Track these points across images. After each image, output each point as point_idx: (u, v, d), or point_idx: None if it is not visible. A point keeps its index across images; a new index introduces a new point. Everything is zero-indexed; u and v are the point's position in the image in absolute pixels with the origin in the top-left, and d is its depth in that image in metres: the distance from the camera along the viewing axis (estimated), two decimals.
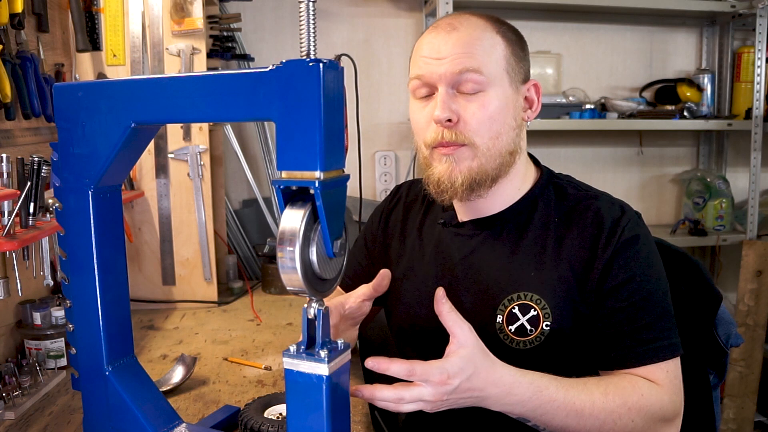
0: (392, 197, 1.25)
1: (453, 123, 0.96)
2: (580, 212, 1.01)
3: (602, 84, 2.49)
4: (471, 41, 0.96)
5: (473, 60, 0.95)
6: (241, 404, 1.06)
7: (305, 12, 0.64)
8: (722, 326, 1.15)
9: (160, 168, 1.68)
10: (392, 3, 2.29)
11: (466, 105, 0.97)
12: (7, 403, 1.04)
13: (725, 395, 2.35)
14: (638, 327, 0.93)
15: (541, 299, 0.97)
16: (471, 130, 0.96)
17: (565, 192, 1.05)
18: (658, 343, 0.93)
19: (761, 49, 2.33)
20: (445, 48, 0.96)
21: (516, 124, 1.00)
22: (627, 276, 0.95)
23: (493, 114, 0.97)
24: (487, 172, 0.98)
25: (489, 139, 0.97)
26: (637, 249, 0.96)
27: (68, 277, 0.83)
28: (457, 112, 0.96)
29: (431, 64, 0.97)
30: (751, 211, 2.38)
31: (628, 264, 0.95)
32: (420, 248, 1.13)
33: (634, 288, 0.94)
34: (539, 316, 0.96)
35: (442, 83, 0.97)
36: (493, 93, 0.97)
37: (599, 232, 0.97)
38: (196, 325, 1.56)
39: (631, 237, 0.96)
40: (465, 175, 0.97)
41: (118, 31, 1.63)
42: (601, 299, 0.96)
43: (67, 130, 0.79)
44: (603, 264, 0.95)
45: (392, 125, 2.34)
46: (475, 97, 0.96)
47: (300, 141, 0.64)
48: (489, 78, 0.96)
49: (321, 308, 0.69)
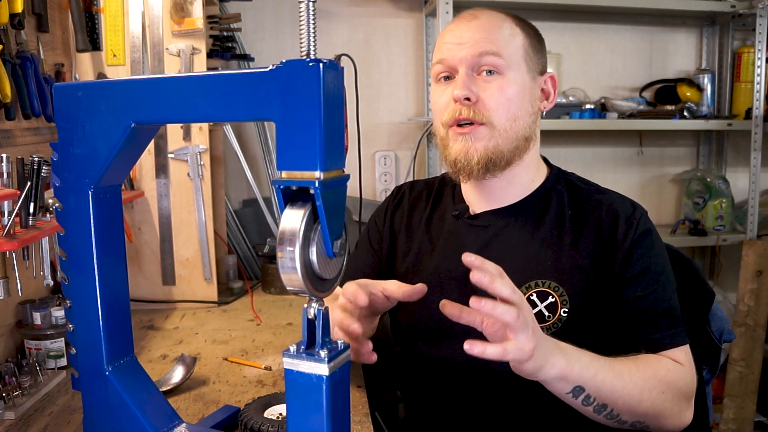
0: (394, 196, 1.26)
1: (472, 102, 1.00)
2: (593, 206, 1.05)
3: (602, 84, 2.49)
4: (491, 28, 1.02)
5: (493, 44, 1.00)
6: (241, 404, 1.06)
7: (305, 12, 0.64)
8: (715, 322, 1.18)
9: (160, 168, 1.68)
10: (392, 3, 2.29)
11: (485, 86, 1.01)
12: (7, 403, 1.04)
13: (725, 395, 2.35)
14: (656, 315, 0.97)
15: (559, 286, 1.00)
16: (489, 109, 1.00)
17: (576, 186, 1.09)
18: (674, 330, 0.97)
19: (761, 49, 2.33)
20: (467, 34, 1.02)
21: (533, 111, 1.05)
22: (644, 267, 0.98)
23: (511, 97, 1.01)
24: (503, 153, 1.02)
25: (507, 120, 1.01)
26: (651, 242, 1.01)
27: (68, 277, 0.83)
28: (476, 93, 1.00)
29: (453, 49, 1.02)
30: (751, 211, 2.38)
31: (645, 256, 0.99)
32: (428, 242, 1.14)
33: (651, 279, 0.98)
34: (557, 302, 0.99)
35: (462, 65, 1.01)
36: (512, 77, 1.01)
37: (616, 225, 1.01)
38: (196, 325, 1.56)
39: (645, 230, 1.01)
40: (481, 153, 1.01)
41: (118, 31, 1.63)
42: (620, 288, 0.99)
43: (67, 130, 0.79)
44: (622, 255, 0.99)
45: (392, 125, 2.34)
46: (494, 79, 1.01)
47: (300, 141, 0.64)
48: (508, 62, 1.00)
49: (321, 308, 0.69)
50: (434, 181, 1.23)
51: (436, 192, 1.20)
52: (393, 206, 1.24)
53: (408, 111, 2.34)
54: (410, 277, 1.13)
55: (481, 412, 1.05)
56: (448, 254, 1.09)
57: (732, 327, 1.96)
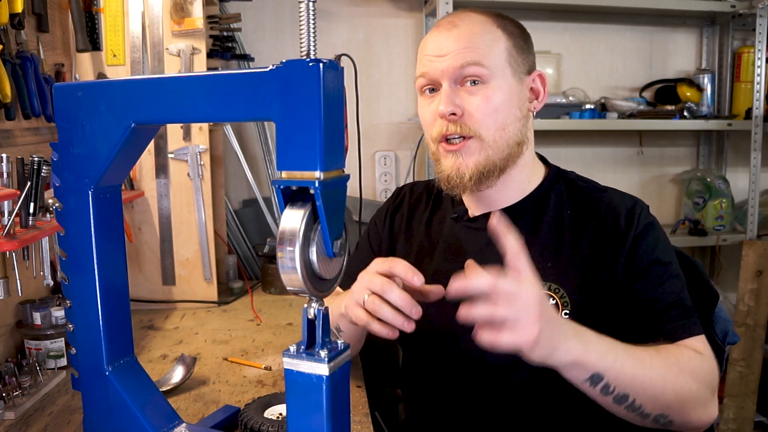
0: (395, 198, 1.26)
1: (457, 116, 0.98)
2: (593, 204, 1.04)
3: (602, 84, 2.49)
4: (471, 36, 0.99)
5: (474, 54, 0.97)
6: (241, 404, 1.06)
7: (305, 12, 0.64)
8: (719, 324, 1.18)
9: (160, 168, 1.68)
10: (392, 3, 2.29)
11: (470, 98, 0.99)
12: (7, 403, 1.04)
13: (725, 395, 2.35)
14: (669, 305, 0.95)
15: (560, 288, 0.99)
16: (476, 122, 0.98)
17: (575, 185, 1.08)
18: (688, 320, 0.95)
19: (761, 49, 2.33)
20: (447, 45, 0.99)
21: (522, 115, 1.02)
22: (652, 259, 0.97)
23: (498, 106, 0.99)
24: (495, 164, 1.00)
25: (495, 131, 0.99)
26: (656, 235, 1.00)
27: (68, 277, 0.83)
28: (461, 106, 0.98)
29: (434, 61, 1.00)
30: (751, 211, 2.38)
31: (651, 248, 0.98)
32: (428, 245, 1.14)
33: (660, 270, 0.97)
34: (558, 304, 0.98)
35: (445, 79, 0.99)
36: (496, 85, 0.99)
37: (617, 222, 1.00)
38: (196, 325, 1.56)
39: (647, 224, 1.00)
40: (472, 169, 0.99)
41: (118, 31, 1.63)
42: (629, 283, 0.98)
43: (67, 130, 0.79)
44: (626, 250, 0.98)
45: (392, 125, 2.34)
46: (478, 90, 0.99)
47: (300, 141, 0.64)
48: (491, 70, 0.98)
49: (321, 308, 0.69)
50: (434, 183, 1.23)
51: (436, 194, 1.19)
52: (393, 208, 1.23)
53: (408, 111, 2.34)
54: None
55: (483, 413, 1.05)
56: (448, 257, 1.09)
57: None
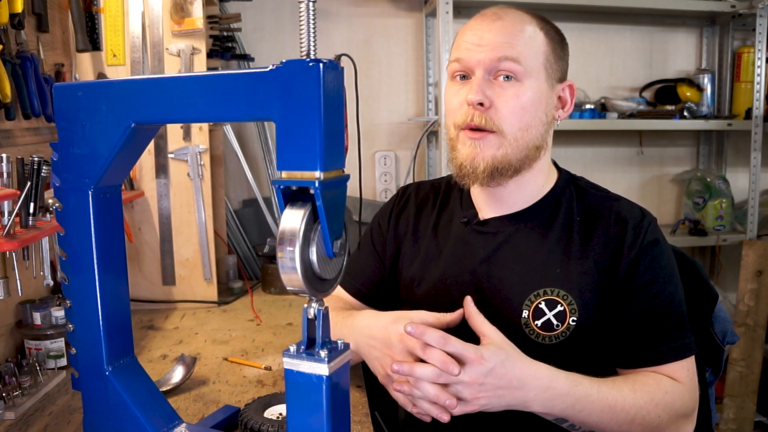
0: (399, 198, 1.23)
1: (485, 107, 0.98)
2: (602, 212, 1.03)
3: (602, 84, 2.49)
4: (514, 32, 0.98)
5: (513, 50, 0.97)
6: (241, 404, 1.06)
7: (305, 12, 0.64)
8: (719, 324, 1.18)
9: (160, 168, 1.68)
10: (392, 3, 2.29)
11: (501, 92, 0.98)
12: (7, 403, 1.04)
13: (725, 395, 2.35)
14: (661, 327, 0.96)
15: (568, 295, 0.99)
16: (501, 117, 0.98)
17: (585, 192, 1.08)
18: (678, 342, 0.96)
19: (761, 49, 2.33)
20: (488, 35, 0.98)
21: (546, 120, 1.02)
22: (651, 277, 0.98)
23: (526, 105, 0.98)
24: (511, 163, 1.00)
25: (518, 129, 0.99)
26: (660, 251, 1.00)
27: (68, 277, 0.83)
28: (490, 98, 0.97)
29: (472, 49, 0.99)
30: (751, 211, 2.38)
31: (652, 266, 0.98)
32: (436, 248, 1.12)
33: (657, 290, 0.97)
34: (566, 311, 0.98)
35: (479, 68, 0.98)
36: (528, 85, 0.98)
37: (623, 233, 1.00)
38: (196, 325, 1.56)
39: (653, 240, 1.00)
40: (488, 162, 0.99)
41: (118, 31, 1.63)
42: (625, 298, 0.98)
43: (67, 130, 0.79)
44: (628, 263, 0.98)
45: (392, 125, 2.34)
46: (510, 86, 0.98)
47: (300, 141, 0.64)
48: (526, 69, 0.98)
49: (321, 308, 0.69)
50: (440, 183, 1.21)
51: (443, 195, 1.18)
52: (398, 209, 1.21)
53: (408, 111, 2.34)
54: (417, 283, 1.12)
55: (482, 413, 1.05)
56: (456, 260, 1.08)
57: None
